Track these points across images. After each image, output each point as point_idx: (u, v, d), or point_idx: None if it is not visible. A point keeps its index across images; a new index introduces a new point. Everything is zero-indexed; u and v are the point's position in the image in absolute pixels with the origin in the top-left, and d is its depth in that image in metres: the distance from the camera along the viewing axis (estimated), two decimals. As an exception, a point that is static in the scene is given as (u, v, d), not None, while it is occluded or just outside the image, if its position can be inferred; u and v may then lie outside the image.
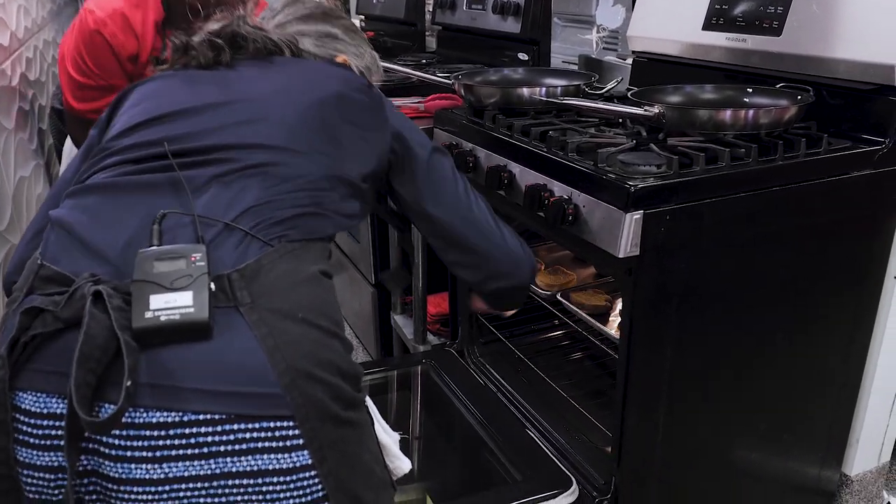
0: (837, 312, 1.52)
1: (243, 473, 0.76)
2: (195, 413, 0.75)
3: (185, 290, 0.75)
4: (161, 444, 0.74)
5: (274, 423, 0.76)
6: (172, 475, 0.75)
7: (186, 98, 1.00)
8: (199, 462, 0.75)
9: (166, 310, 0.74)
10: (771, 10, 1.57)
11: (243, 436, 0.76)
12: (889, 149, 1.39)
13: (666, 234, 1.21)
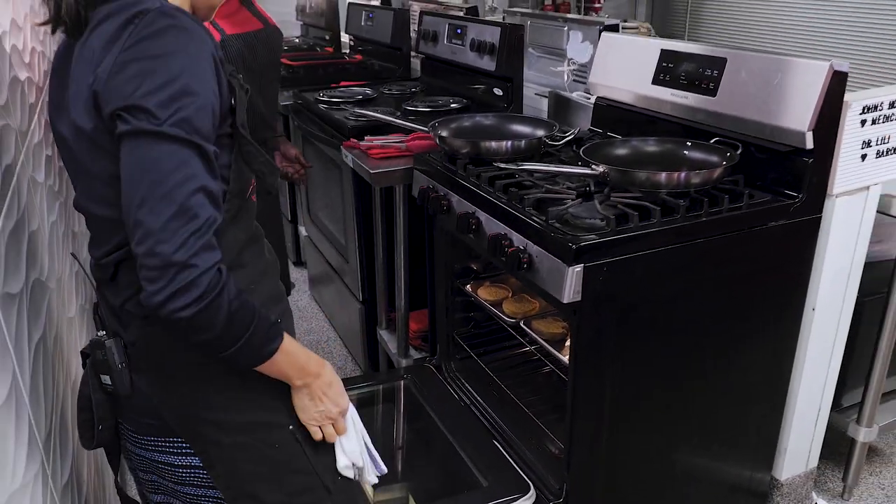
0: (764, 339, 1.75)
1: (162, 462, 1.16)
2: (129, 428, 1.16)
3: (105, 374, 1.10)
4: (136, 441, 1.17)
5: (169, 439, 1.13)
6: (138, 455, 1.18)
7: None
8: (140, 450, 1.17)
9: (105, 383, 1.12)
10: (708, 73, 1.79)
11: (150, 444, 1.15)
12: (802, 202, 1.62)
13: (603, 284, 1.43)
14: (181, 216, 0.89)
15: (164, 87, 0.90)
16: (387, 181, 2.13)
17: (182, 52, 0.93)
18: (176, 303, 0.89)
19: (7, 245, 1.07)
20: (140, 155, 0.90)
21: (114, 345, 1.08)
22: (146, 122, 0.90)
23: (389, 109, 2.59)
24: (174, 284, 0.89)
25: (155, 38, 0.92)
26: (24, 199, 1.31)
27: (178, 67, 0.92)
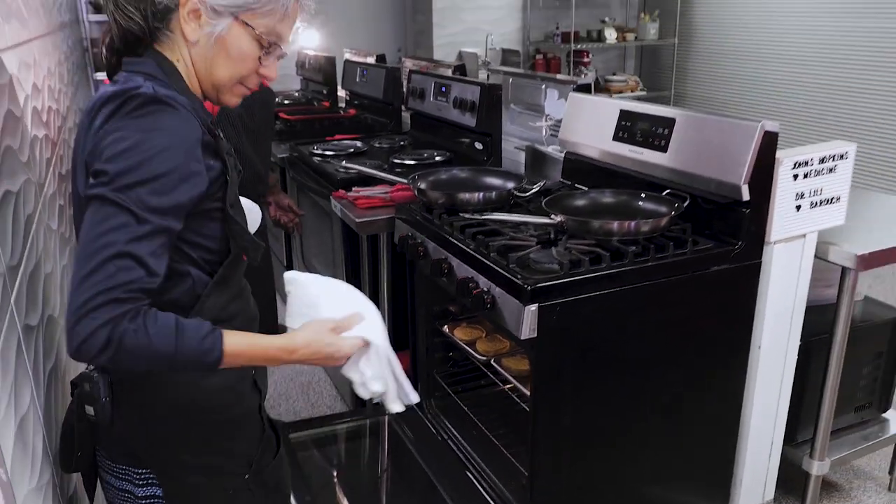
0: (714, 375, 1.90)
1: (124, 490, 1.24)
2: (104, 455, 1.25)
3: (90, 405, 1.18)
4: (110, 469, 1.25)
5: (137, 470, 1.22)
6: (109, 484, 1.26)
7: None
8: (110, 477, 1.25)
9: (88, 414, 1.19)
10: (659, 132, 1.97)
11: (121, 473, 1.23)
12: (742, 248, 1.79)
13: (557, 322, 1.59)
14: (94, 274, 0.96)
15: (128, 158, 1.00)
16: (371, 229, 2.31)
17: (160, 133, 1.03)
18: (85, 352, 0.97)
19: (28, 284, 1.24)
20: (88, 216, 1.00)
21: (101, 379, 1.16)
22: (100, 185, 0.99)
23: (377, 162, 2.78)
24: (76, 337, 0.96)
25: (139, 119, 1.03)
26: (40, 244, 1.48)
27: (149, 144, 1.01)
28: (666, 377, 1.82)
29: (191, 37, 1.15)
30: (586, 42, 6.79)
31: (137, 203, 0.99)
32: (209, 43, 1.16)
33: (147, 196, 1.00)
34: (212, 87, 1.22)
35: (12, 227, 1.19)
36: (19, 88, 1.59)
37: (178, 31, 1.16)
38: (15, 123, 1.43)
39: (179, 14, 1.14)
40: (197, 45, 1.17)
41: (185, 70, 1.19)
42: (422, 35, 6.80)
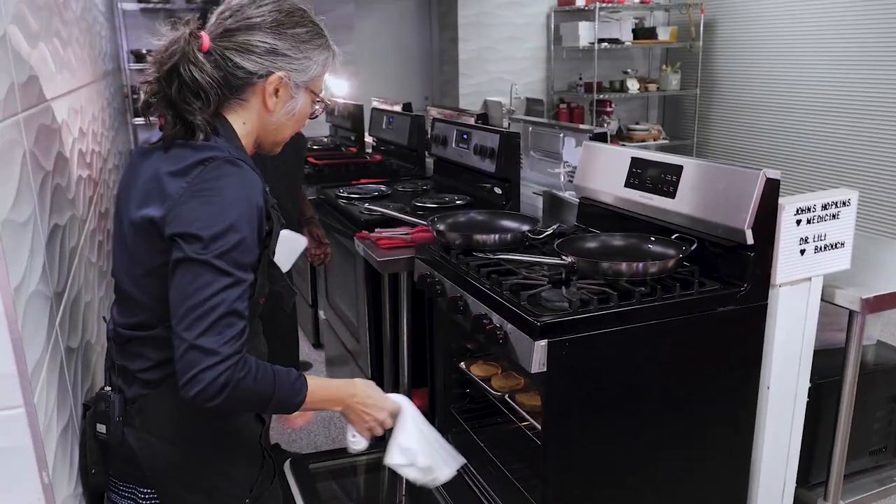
0: (723, 414, 1.94)
1: None
2: (112, 474, 1.30)
3: (103, 423, 1.26)
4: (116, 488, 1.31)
5: (142, 489, 1.28)
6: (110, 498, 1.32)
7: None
8: (115, 496, 1.30)
9: (100, 432, 1.27)
10: (668, 178, 2.05)
11: (126, 491, 1.29)
12: (748, 291, 1.85)
13: (566, 357, 1.66)
14: (210, 331, 1.10)
15: (216, 224, 1.12)
16: (392, 268, 2.40)
17: (237, 197, 1.16)
18: (204, 397, 1.10)
19: (71, 311, 1.34)
20: (188, 276, 1.11)
21: (117, 399, 1.26)
22: (195, 251, 1.11)
23: (400, 205, 2.89)
24: (198, 384, 1.09)
25: (217, 181, 1.16)
26: (81, 275, 1.60)
27: (231, 210, 1.14)
28: (675, 415, 1.87)
29: (272, 108, 1.28)
30: (609, 92, 6.94)
31: (233, 265, 1.13)
32: (284, 111, 1.30)
33: (239, 257, 1.14)
34: (271, 143, 1.36)
35: (59, 257, 1.30)
36: (67, 133, 1.73)
37: (253, 101, 1.27)
38: (63, 164, 1.55)
39: (260, 88, 1.26)
40: (272, 114, 1.29)
41: (244, 130, 1.30)
42: (448, 85, 7.00)
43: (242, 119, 1.28)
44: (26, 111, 1.17)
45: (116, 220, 1.29)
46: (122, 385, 1.27)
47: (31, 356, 0.93)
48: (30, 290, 0.98)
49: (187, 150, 1.20)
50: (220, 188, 1.15)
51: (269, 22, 1.24)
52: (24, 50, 1.22)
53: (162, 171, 1.19)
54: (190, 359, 1.09)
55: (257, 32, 1.23)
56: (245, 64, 1.23)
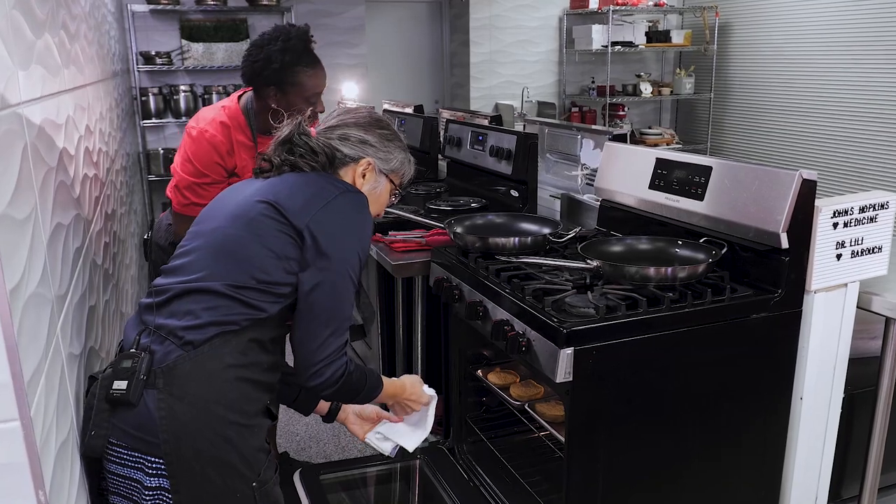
0: (754, 425, 1.85)
1: (132, 479, 1.31)
2: (116, 441, 1.29)
3: (124, 380, 1.28)
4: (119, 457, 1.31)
5: (150, 458, 1.28)
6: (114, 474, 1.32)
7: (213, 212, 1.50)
8: (117, 466, 1.31)
9: (116, 390, 1.28)
10: (696, 180, 1.97)
11: (131, 460, 1.30)
12: (782, 297, 1.76)
13: (593, 366, 1.58)
14: (337, 333, 1.41)
15: (352, 243, 1.43)
16: (407, 272, 2.33)
17: (364, 224, 1.48)
18: (324, 385, 1.41)
19: (73, 314, 1.27)
20: (327, 290, 1.39)
21: (146, 358, 1.30)
22: (332, 267, 1.39)
23: (414, 207, 2.82)
24: (322, 376, 1.40)
25: (356, 210, 1.47)
26: (86, 277, 1.52)
27: (363, 234, 1.46)
28: (704, 425, 1.78)
29: (359, 185, 1.56)
30: (622, 96, 6.86)
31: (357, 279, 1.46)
32: (368, 189, 1.57)
33: (359, 272, 1.47)
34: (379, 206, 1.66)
35: (62, 258, 1.22)
36: (73, 129, 1.66)
37: (346, 177, 1.56)
38: (68, 161, 1.48)
39: (352, 168, 1.56)
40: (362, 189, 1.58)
41: None
42: (459, 88, 6.93)
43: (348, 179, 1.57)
44: (28, 103, 1.10)
45: (216, 206, 1.52)
46: (154, 345, 1.33)
47: (28, 364, 0.86)
48: (28, 292, 0.91)
49: (322, 185, 1.50)
50: (356, 215, 1.47)
51: (362, 121, 1.60)
52: (27, 38, 1.15)
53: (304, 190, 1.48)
54: (314, 355, 1.39)
55: (353, 128, 1.58)
56: (343, 149, 1.55)
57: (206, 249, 1.40)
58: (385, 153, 1.60)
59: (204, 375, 1.31)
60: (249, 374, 1.36)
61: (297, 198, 1.43)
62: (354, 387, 1.48)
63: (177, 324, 1.33)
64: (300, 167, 1.51)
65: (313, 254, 1.39)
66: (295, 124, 1.56)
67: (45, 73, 1.29)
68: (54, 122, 1.35)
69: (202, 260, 1.39)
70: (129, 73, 5.37)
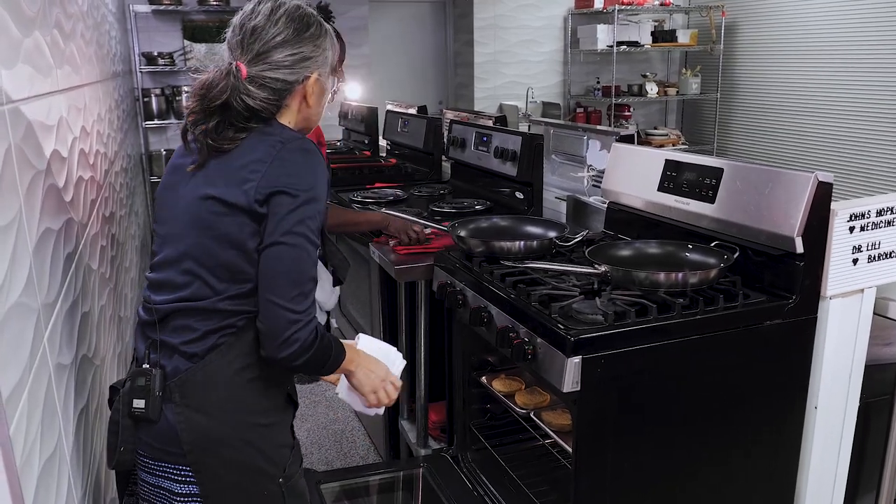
0: (768, 435, 1.80)
1: (162, 487, 1.33)
2: (143, 453, 1.33)
3: (141, 398, 1.29)
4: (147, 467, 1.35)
5: (177, 467, 1.31)
6: (145, 482, 1.36)
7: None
8: (146, 475, 1.34)
9: (136, 408, 1.30)
10: (706, 182, 1.92)
11: (159, 471, 1.33)
12: (796, 303, 1.71)
13: (602, 375, 1.53)
14: (300, 297, 1.27)
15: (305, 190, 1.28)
16: (409, 276, 2.28)
17: (315, 170, 1.32)
18: (296, 355, 1.27)
19: (63, 322, 1.22)
20: (284, 249, 1.26)
21: (158, 374, 1.29)
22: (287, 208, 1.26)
23: (417, 210, 2.77)
24: (295, 343, 1.26)
25: (301, 158, 1.31)
26: (79, 283, 1.48)
27: (314, 180, 1.30)
28: (716, 436, 1.73)
29: (313, 104, 1.42)
30: (627, 96, 6.80)
31: (316, 233, 1.32)
32: (321, 102, 1.44)
33: (316, 225, 1.32)
34: (307, 130, 1.47)
35: (51, 264, 1.18)
36: (66, 131, 1.61)
37: (293, 103, 1.40)
38: (60, 164, 1.44)
39: (299, 91, 1.39)
40: (312, 108, 1.43)
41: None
42: (463, 88, 6.89)
43: (287, 120, 1.41)
44: (13, 103, 1.06)
45: (168, 202, 1.38)
46: (163, 360, 1.32)
47: (8, 379, 0.81)
48: (10, 303, 0.86)
49: (253, 142, 1.33)
50: (302, 163, 1.31)
51: (290, 35, 1.36)
52: (13, 36, 1.11)
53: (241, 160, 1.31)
54: (283, 321, 1.25)
55: (284, 48, 1.35)
56: (282, 77, 1.36)
57: (180, 263, 1.33)
58: (322, 56, 1.41)
59: (216, 383, 1.30)
60: (260, 371, 1.33)
61: (234, 176, 1.29)
62: (325, 350, 1.33)
63: (178, 339, 1.32)
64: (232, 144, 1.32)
65: (268, 220, 1.27)
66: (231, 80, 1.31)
67: (33, 72, 1.25)
68: (44, 124, 1.30)
69: (181, 275, 1.33)
70: (132, 74, 5.34)
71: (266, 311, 1.26)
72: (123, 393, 1.31)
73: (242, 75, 1.32)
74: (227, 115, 1.32)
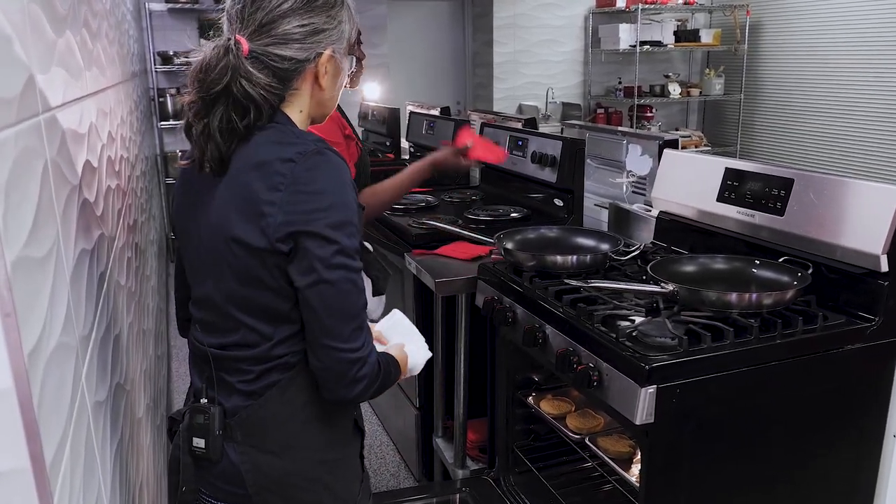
0: (843, 465, 1.67)
1: None
2: (206, 493, 1.23)
3: (201, 437, 1.20)
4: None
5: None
6: None
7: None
8: None
9: (197, 447, 1.21)
10: (775, 193, 1.80)
11: None
12: (879, 325, 1.58)
13: (677, 405, 1.40)
14: (356, 332, 1.14)
15: (333, 217, 1.09)
16: (449, 290, 2.16)
17: (341, 187, 1.12)
18: (364, 394, 1.16)
19: (99, 354, 1.11)
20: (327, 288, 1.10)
21: (217, 412, 1.19)
22: (317, 244, 1.08)
23: (451, 217, 2.65)
24: (362, 382, 1.15)
25: (318, 174, 1.10)
26: (111, 305, 1.36)
27: (339, 198, 1.11)
28: (791, 466, 1.61)
29: (326, 86, 1.21)
30: (649, 97, 6.67)
31: (356, 254, 1.15)
32: (336, 84, 1.24)
33: (356, 244, 1.15)
34: (322, 116, 1.29)
35: (86, 290, 1.06)
36: (96, 138, 1.50)
37: (304, 87, 1.20)
38: (91, 175, 1.33)
39: (310, 72, 1.18)
40: (325, 91, 1.22)
41: (301, 118, 1.23)
42: (482, 89, 6.76)
43: (299, 108, 1.22)
44: (49, 111, 0.94)
45: (190, 231, 1.23)
46: (221, 397, 1.22)
47: (51, 442, 0.70)
48: (50, 348, 0.75)
49: (261, 163, 1.13)
50: (321, 180, 1.11)
51: (300, 3, 1.15)
52: (48, 36, 0.99)
53: (252, 186, 1.11)
54: (344, 364, 1.13)
55: (293, 17, 1.14)
56: (291, 54, 1.15)
57: (221, 308, 1.20)
58: (338, 30, 1.20)
59: (278, 422, 1.20)
60: (323, 404, 1.21)
61: (248, 208, 1.11)
62: (388, 376, 1.22)
63: (234, 379, 1.20)
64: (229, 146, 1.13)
65: (298, 258, 1.11)
66: (231, 59, 1.09)
67: (66, 76, 1.13)
68: (76, 133, 1.19)
69: (226, 321, 1.20)
70: (147, 74, 5.24)
71: (322, 355, 1.13)
72: (183, 429, 1.22)
73: (244, 51, 1.11)
74: (231, 103, 1.12)
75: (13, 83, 0.74)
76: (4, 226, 0.63)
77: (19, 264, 0.67)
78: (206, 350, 1.22)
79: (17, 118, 0.75)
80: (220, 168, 1.14)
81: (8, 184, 0.66)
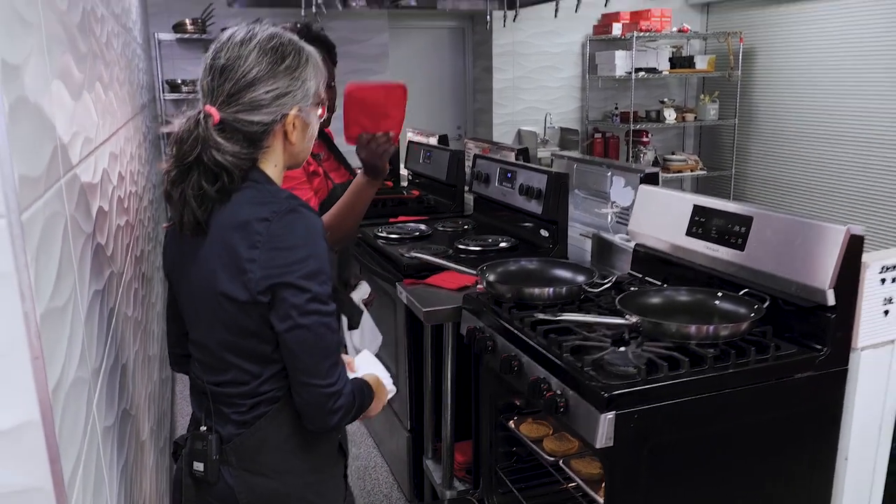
0: (797, 488, 1.79)
1: None
2: None
3: (200, 461, 1.33)
4: None
5: None
6: None
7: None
8: None
9: (196, 470, 1.34)
10: (736, 229, 1.93)
11: None
12: (827, 355, 1.71)
13: (635, 430, 1.53)
14: (332, 369, 1.27)
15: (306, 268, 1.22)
16: (437, 319, 2.29)
17: (313, 240, 1.24)
18: (342, 422, 1.30)
19: (108, 383, 1.24)
20: (303, 333, 1.23)
21: (213, 439, 1.32)
22: (293, 294, 1.21)
23: (442, 247, 2.78)
24: (338, 412, 1.28)
25: (290, 230, 1.22)
26: (119, 336, 1.50)
27: (312, 251, 1.23)
28: (746, 487, 1.72)
29: (296, 140, 1.31)
30: (645, 122, 6.82)
31: (329, 300, 1.28)
32: (305, 136, 1.34)
33: (328, 291, 1.27)
34: (297, 164, 1.40)
35: (97, 327, 1.20)
36: (107, 182, 1.64)
37: (275, 143, 1.31)
38: (103, 220, 1.47)
39: (279, 129, 1.29)
40: (296, 144, 1.33)
41: (276, 172, 1.34)
42: (482, 114, 6.93)
43: (273, 162, 1.32)
44: (69, 173, 1.08)
45: (182, 286, 1.36)
46: (217, 426, 1.35)
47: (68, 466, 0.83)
48: (69, 382, 0.88)
49: (240, 224, 1.24)
50: (296, 237, 1.23)
51: (264, 70, 1.24)
52: (67, 106, 1.14)
53: (235, 246, 1.24)
54: (322, 398, 1.26)
55: (259, 85, 1.24)
56: (259, 118, 1.25)
57: (215, 352, 1.33)
58: (302, 88, 1.28)
59: (269, 448, 1.33)
60: (308, 432, 1.34)
61: (232, 264, 1.23)
62: (363, 402, 1.35)
63: (229, 410, 1.34)
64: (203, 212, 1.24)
65: (277, 306, 1.23)
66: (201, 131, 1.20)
67: (84, 134, 1.28)
68: (91, 184, 1.33)
69: (220, 362, 1.33)
70: (156, 102, 5.42)
71: (303, 391, 1.26)
72: (185, 454, 1.36)
73: (214, 120, 1.22)
74: (202, 171, 1.22)
75: (43, 160, 0.88)
76: (36, 287, 0.77)
77: (46, 316, 0.80)
78: (204, 385, 1.37)
79: (45, 188, 0.89)
80: (196, 231, 1.26)
81: (38, 250, 0.80)
